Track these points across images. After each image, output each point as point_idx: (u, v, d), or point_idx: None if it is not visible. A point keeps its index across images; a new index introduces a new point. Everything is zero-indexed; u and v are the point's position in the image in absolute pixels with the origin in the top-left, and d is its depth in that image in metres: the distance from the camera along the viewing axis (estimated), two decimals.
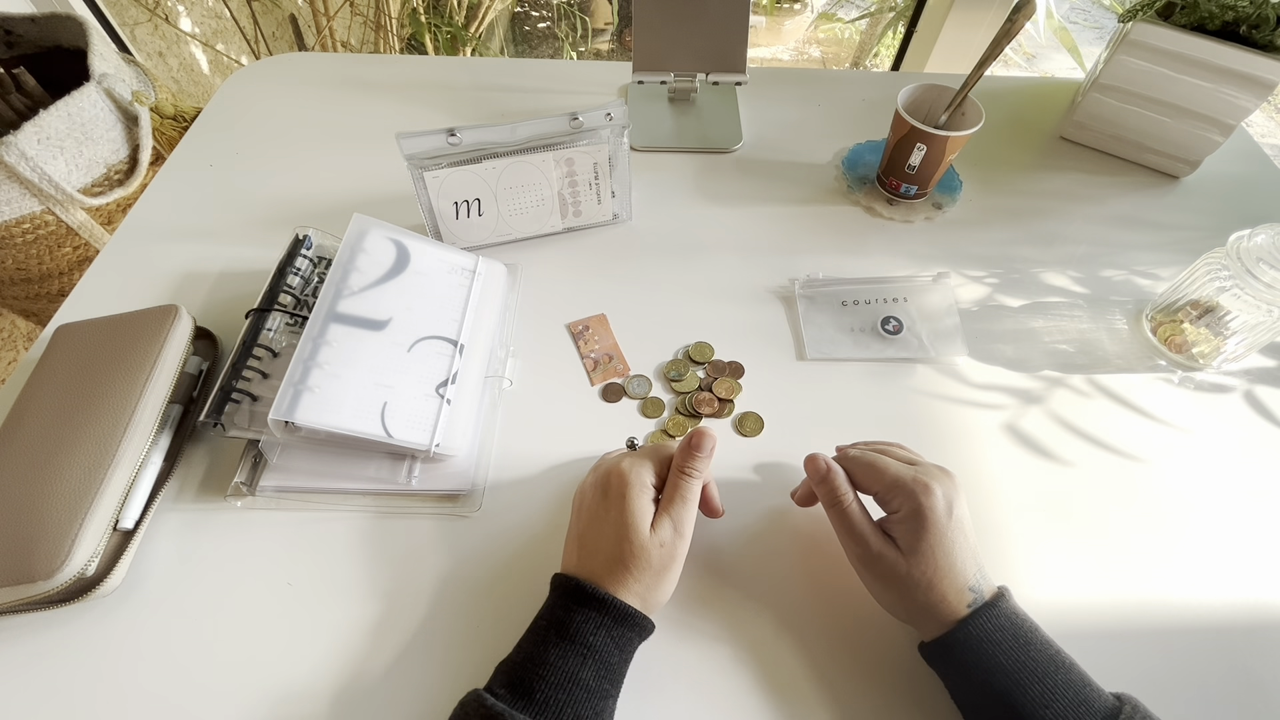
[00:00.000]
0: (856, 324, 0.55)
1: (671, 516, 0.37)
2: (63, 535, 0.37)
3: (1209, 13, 0.59)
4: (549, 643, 0.34)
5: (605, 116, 0.54)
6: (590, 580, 0.36)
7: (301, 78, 0.77)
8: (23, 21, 1.01)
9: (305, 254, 0.51)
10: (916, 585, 0.35)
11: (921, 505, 0.35)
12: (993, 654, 0.33)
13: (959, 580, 0.35)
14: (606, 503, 0.38)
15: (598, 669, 0.33)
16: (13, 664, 0.38)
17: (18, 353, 1.26)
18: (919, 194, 0.63)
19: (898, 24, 1.79)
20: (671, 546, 0.37)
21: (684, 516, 0.37)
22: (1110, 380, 0.53)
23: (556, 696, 0.32)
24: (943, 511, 0.35)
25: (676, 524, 0.37)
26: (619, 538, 0.36)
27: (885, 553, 0.36)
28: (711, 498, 0.42)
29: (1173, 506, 0.46)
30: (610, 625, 0.34)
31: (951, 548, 0.35)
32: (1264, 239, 0.47)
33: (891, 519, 0.37)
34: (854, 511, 0.38)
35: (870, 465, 0.38)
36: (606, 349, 0.53)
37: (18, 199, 0.88)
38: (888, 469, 0.37)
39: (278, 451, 0.45)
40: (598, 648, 0.34)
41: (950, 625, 0.34)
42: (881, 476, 0.37)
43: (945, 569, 0.35)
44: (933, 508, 0.35)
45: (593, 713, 0.33)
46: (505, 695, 0.32)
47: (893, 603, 0.37)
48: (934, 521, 0.35)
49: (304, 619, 0.40)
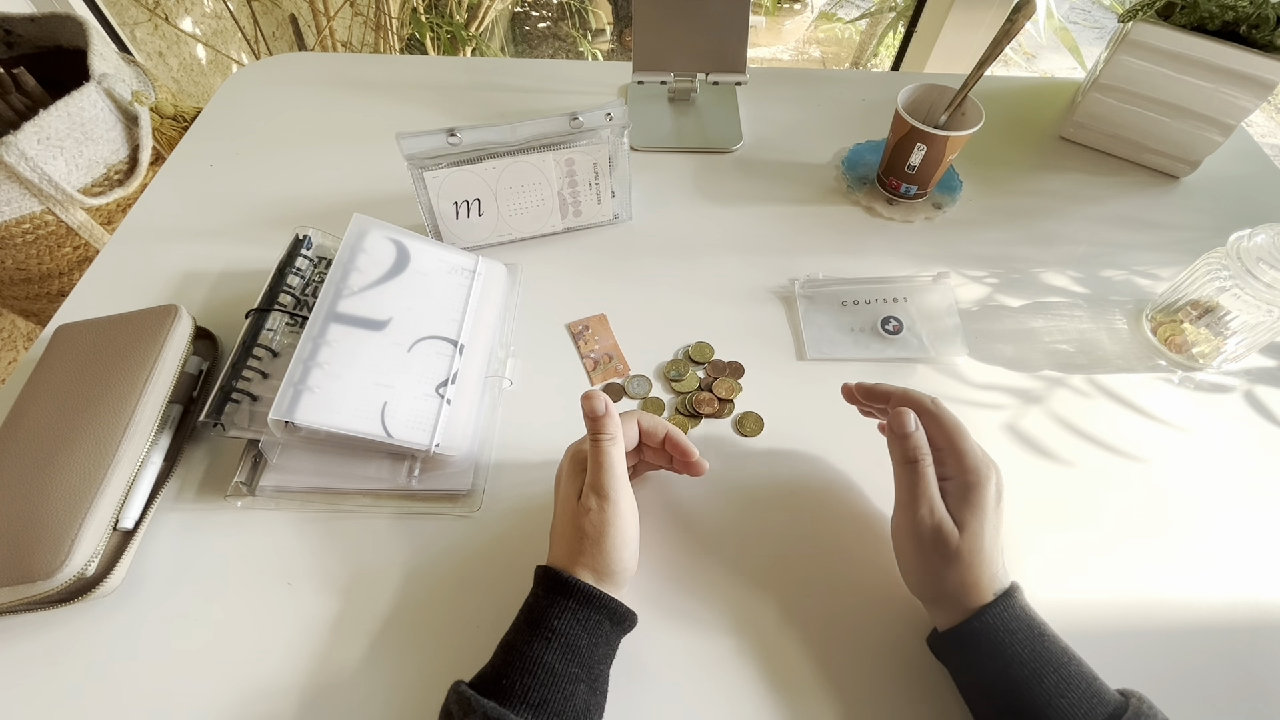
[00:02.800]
0: (856, 324, 0.55)
1: (592, 485, 0.37)
2: (62, 535, 0.37)
3: (1209, 13, 0.59)
4: (519, 630, 0.35)
5: (605, 116, 0.54)
6: (553, 566, 0.37)
7: (301, 78, 0.77)
8: (23, 21, 1.01)
9: (305, 254, 0.51)
10: (959, 562, 0.35)
11: (985, 482, 0.36)
12: (1010, 643, 0.33)
13: (991, 566, 0.35)
14: (555, 492, 0.40)
15: (564, 652, 0.34)
16: (13, 664, 0.38)
17: (18, 353, 1.26)
18: (919, 194, 0.63)
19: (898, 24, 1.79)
20: (600, 513, 0.36)
21: (605, 481, 0.37)
22: (1110, 380, 0.53)
23: (523, 681, 0.33)
24: (994, 495, 0.36)
25: (598, 489, 0.37)
26: (559, 520, 0.38)
27: (945, 523, 0.36)
28: (684, 451, 0.41)
29: (1173, 506, 0.46)
30: (575, 608, 0.35)
31: (995, 533, 0.36)
32: (1264, 239, 0.47)
33: (944, 486, 0.37)
34: (929, 474, 0.37)
35: (955, 428, 0.38)
36: (606, 349, 0.53)
37: (18, 199, 0.88)
38: (967, 437, 0.37)
39: (278, 451, 0.45)
40: (562, 631, 0.34)
41: (972, 611, 0.34)
42: (959, 442, 0.37)
43: (988, 551, 0.35)
44: (992, 489, 0.36)
45: (561, 696, 0.33)
46: (478, 684, 0.34)
47: (925, 578, 0.37)
48: (988, 502, 0.36)
49: (304, 618, 0.40)
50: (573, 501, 0.38)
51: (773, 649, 0.39)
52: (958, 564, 0.35)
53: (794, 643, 0.40)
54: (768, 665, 0.39)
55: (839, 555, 0.43)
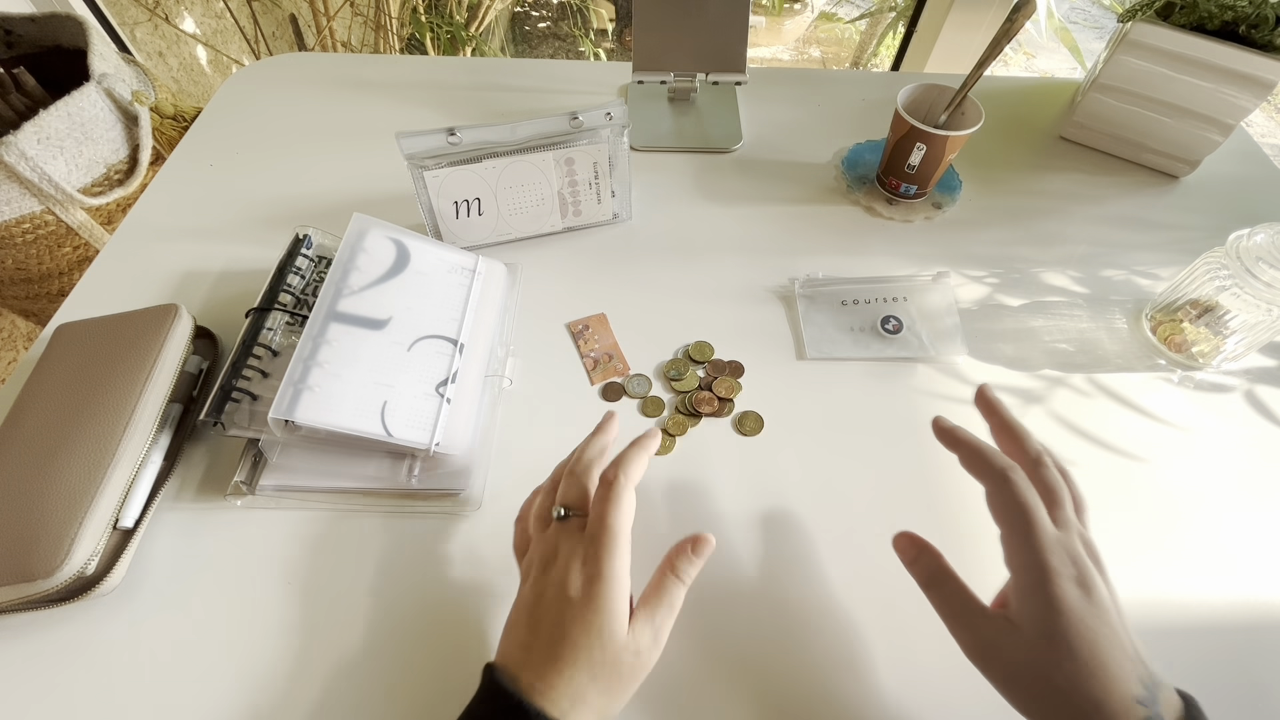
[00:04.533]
0: (856, 323, 0.55)
1: (654, 622, 0.32)
2: (62, 534, 0.37)
3: (1208, 12, 0.59)
4: None
5: (605, 116, 0.54)
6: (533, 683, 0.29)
7: (301, 78, 0.77)
8: (23, 21, 1.01)
9: (305, 253, 0.51)
10: (1047, 682, 0.27)
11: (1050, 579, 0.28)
12: None
13: (1112, 686, 0.26)
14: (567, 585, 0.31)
15: None
16: (13, 663, 0.38)
17: (18, 353, 1.26)
18: (919, 194, 0.63)
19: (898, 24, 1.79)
20: (647, 655, 0.31)
21: (666, 624, 0.32)
22: (1110, 380, 0.53)
23: None
24: (1075, 589, 0.28)
25: (657, 631, 0.32)
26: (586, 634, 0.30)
27: (998, 638, 0.29)
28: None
29: (1172, 506, 0.46)
30: None
31: (1093, 636, 0.27)
32: (1264, 238, 0.47)
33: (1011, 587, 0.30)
34: (954, 594, 0.31)
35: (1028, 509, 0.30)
36: (606, 348, 0.53)
37: (18, 199, 0.88)
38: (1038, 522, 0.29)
39: (278, 450, 0.45)
40: None
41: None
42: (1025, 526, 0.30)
43: (1086, 665, 0.27)
44: (1064, 585, 0.28)
45: None
46: None
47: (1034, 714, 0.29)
48: (1066, 601, 0.28)
49: (303, 617, 0.40)
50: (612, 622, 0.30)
51: (772, 648, 0.39)
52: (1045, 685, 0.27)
53: (794, 642, 0.40)
54: (769, 665, 0.39)
55: (838, 552, 0.43)
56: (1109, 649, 0.27)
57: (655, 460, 0.47)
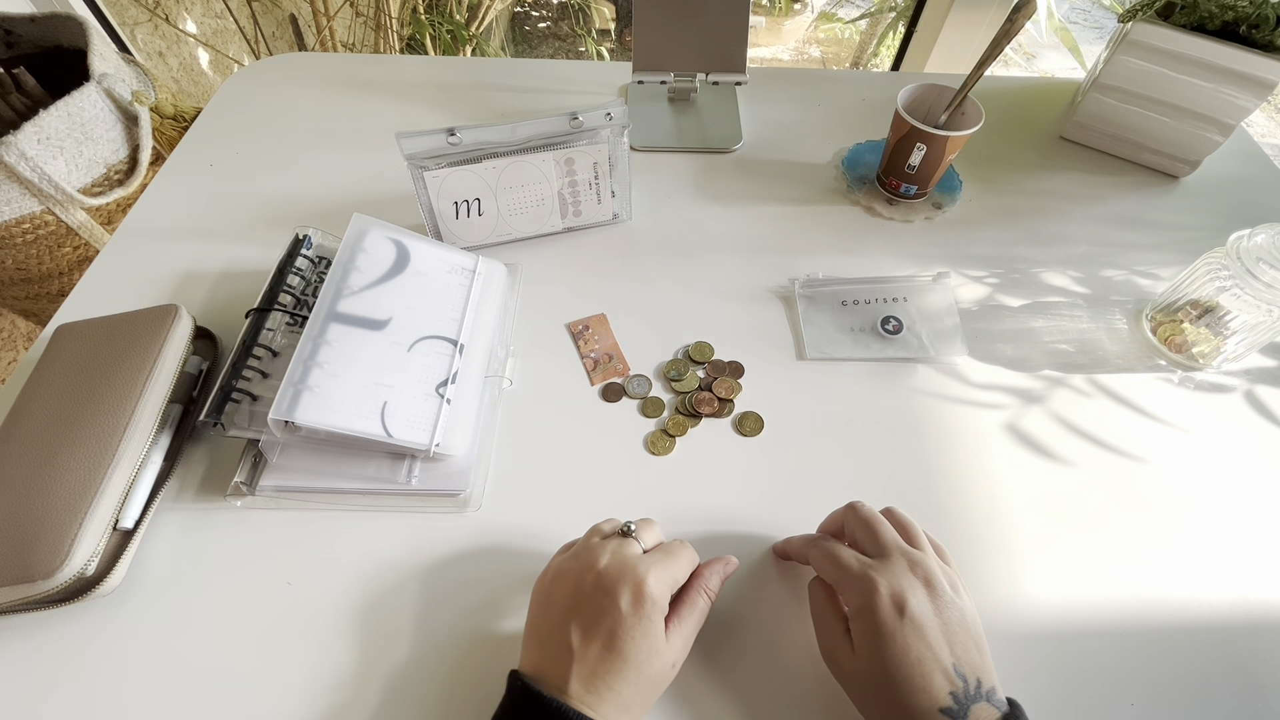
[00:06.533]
0: (856, 324, 0.55)
1: (684, 633, 0.34)
2: (62, 535, 0.37)
3: (1209, 12, 0.59)
4: None
5: (605, 116, 0.54)
6: (581, 694, 0.31)
7: (301, 78, 0.77)
8: (23, 21, 1.01)
9: (305, 254, 0.51)
10: (871, 691, 0.32)
11: (866, 603, 0.32)
12: None
13: (917, 697, 0.30)
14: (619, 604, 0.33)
15: None
16: (13, 664, 0.38)
17: (18, 353, 1.26)
18: (919, 194, 0.63)
19: (898, 24, 1.79)
20: (678, 665, 0.34)
21: (693, 636, 0.35)
22: (1110, 380, 0.53)
23: None
24: (889, 610, 0.32)
25: (686, 642, 0.34)
26: (635, 649, 0.32)
27: (836, 649, 0.34)
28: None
29: (1173, 506, 0.46)
30: None
31: (903, 653, 0.31)
32: (1264, 239, 0.47)
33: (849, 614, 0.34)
34: (817, 597, 0.36)
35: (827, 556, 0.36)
36: (606, 349, 0.53)
37: (18, 199, 0.88)
38: (839, 560, 0.35)
39: (277, 451, 0.45)
40: None
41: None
42: (832, 569, 0.35)
43: (896, 678, 0.30)
44: (877, 607, 0.32)
45: None
46: None
47: (866, 714, 0.33)
48: (880, 621, 0.31)
49: (303, 618, 0.40)
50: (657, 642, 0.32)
51: (772, 648, 0.39)
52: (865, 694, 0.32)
53: (794, 641, 0.40)
54: (769, 665, 0.39)
55: None
56: (919, 665, 0.30)
57: (655, 461, 0.47)
